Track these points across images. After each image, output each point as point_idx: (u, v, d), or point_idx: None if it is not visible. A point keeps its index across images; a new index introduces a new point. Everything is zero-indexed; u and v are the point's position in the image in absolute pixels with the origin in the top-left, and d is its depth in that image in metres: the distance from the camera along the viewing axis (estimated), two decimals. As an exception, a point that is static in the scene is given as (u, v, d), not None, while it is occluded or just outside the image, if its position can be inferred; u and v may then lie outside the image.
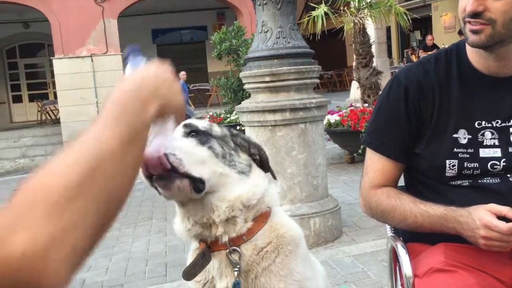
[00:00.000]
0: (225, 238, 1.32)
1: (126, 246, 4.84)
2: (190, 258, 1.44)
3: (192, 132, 1.31)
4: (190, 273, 1.37)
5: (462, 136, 1.54)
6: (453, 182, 1.56)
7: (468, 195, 1.49)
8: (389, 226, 1.87)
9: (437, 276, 1.43)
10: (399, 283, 1.82)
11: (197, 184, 1.25)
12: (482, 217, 1.35)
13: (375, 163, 1.68)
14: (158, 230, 5.26)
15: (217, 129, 1.39)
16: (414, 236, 1.66)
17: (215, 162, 1.30)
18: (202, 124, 1.36)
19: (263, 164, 1.43)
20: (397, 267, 1.80)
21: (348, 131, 6.75)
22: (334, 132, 7.06)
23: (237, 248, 1.34)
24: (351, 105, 7.68)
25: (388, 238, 1.73)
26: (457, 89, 1.56)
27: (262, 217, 1.38)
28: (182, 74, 13.69)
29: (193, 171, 1.22)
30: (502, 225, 1.33)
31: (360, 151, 6.56)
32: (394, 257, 1.77)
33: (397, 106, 1.59)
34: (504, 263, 1.47)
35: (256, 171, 1.41)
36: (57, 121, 15.23)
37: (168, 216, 5.73)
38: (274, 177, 1.46)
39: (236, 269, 1.32)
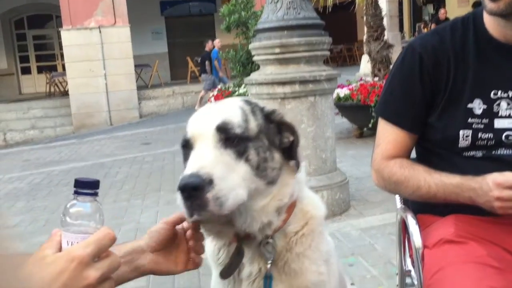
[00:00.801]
0: (260, 236, 1.23)
1: (134, 217, 4.89)
2: (210, 248, 1.35)
3: (228, 138, 1.14)
4: (228, 273, 1.28)
5: (477, 106, 1.50)
6: (466, 153, 1.53)
7: (481, 166, 1.47)
8: (398, 198, 1.85)
9: (447, 247, 1.42)
10: (407, 255, 1.82)
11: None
12: (495, 178, 1.34)
13: (388, 134, 1.66)
14: (166, 201, 5.29)
15: (253, 124, 1.18)
16: (424, 208, 1.64)
17: (250, 177, 1.14)
18: (237, 120, 1.15)
19: (292, 150, 1.26)
20: (406, 239, 1.80)
21: (357, 105, 6.69)
22: (343, 106, 7.00)
23: (270, 241, 1.25)
24: (361, 79, 7.58)
25: (398, 210, 1.72)
26: (473, 58, 1.52)
27: (292, 205, 1.28)
28: (217, 41, 13.45)
29: (231, 201, 1.09)
30: None
31: (370, 125, 6.52)
32: (403, 229, 1.76)
33: (411, 74, 1.56)
34: (515, 235, 1.46)
35: (284, 167, 1.25)
36: (65, 93, 15.25)
37: (176, 188, 5.76)
38: (298, 166, 1.27)
39: (269, 262, 1.25)
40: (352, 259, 3.21)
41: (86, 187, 0.90)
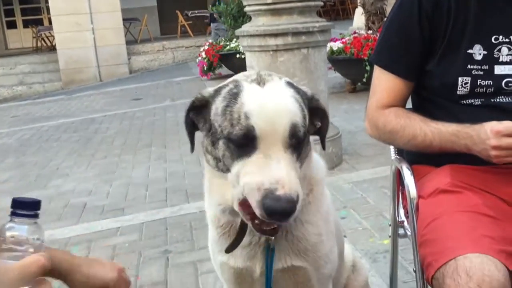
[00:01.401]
0: None
1: (126, 172, 4.86)
2: (211, 212, 1.33)
3: (295, 143, 1.08)
4: (232, 249, 1.27)
5: (477, 51, 1.45)
6: (464, 101, 1.49)
7: (480, 114, 1.43)
8: (393, 149, 1.82)
9: (442, 197, 1.40)
10: (401, 206, 1.80)
11: None
12: (493, 126, 1.30)
13: (383, 82, 1.61)
14: (157, 157, 5.26)
15: (307, 120, 1.13)
16: (419, 158, 1.61)
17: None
18: (301, 122, 1.08)
19: (321, 135, 1.26)
20: (400, 191, 1.78)
21: (351, 59, 6.58)
22: (337, 60, 6.89)
23: None
24: (355, 33, 7.44)
25: (393, 160, 1.69)
26: (475, 2, 1.45)
27: None
28: None
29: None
30: None
31: (364, 79, 6.44)
32: (398, 180, 1.74)
33: (409, 19, 1.49)
34: (510, 184, 1.43)
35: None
36: (53, 48, 14.91)
37: (167, 144, 5.72)
38: (324, 147, 1.29)
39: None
40: (344, 212, 3.22)
41: (25, 207, 0.79)
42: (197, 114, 1.19)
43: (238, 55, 9.36)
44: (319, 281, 1.38)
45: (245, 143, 1.05)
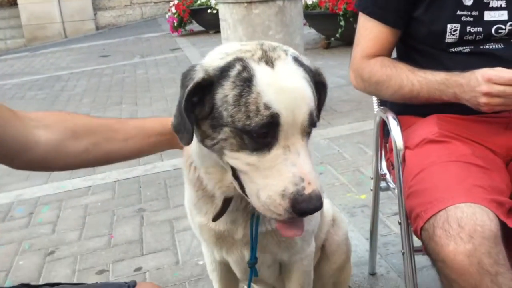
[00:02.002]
0: None
1: (96, 130, 4.70)
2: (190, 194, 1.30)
3: (312, 127, 1.02)
4: (218, 218, 1.22)
5: None
6: (453, 49, 1.43)
7: (469, 62, 1.37)
8: (376, 100, 1.77)
9: (430, 147, 1.35)
10: (383, 159, 1.77)
11: None
12: (485, 72, 1.25)
13: (369, 31, 1.53)
14: (128, 114, 5.10)
15: (316, 100, 1.05)
16: (404, 109, 1.56)
17: None
18: (314, 107, 1.02)
19: (319, 108, 1.15)
20: (383, 143, 1.74)
21: (325, 13, 6.45)
22: (311, 15, 6.75)
23: None
24: (329, -13, 7.27)
25: (377, 111, 1.63)
26: None
27: None
28: None
29: None
30: (506, 73, 1.22)
31: (338, 35, 6.34)
32: (382, 132, 1.69)
33: None
34: (498, 133, 1.40)
35: None
36: (14, 3, 14.16)
37: (138, 101, 5.56)
38: (318, 118, 1.22)
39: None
40: (321, 167, 3.20)
41: None
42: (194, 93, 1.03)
43: (209, 10, 9.08)
44: (302, 238, 1.34)
45: (263, 135, 0.96)
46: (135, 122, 1.27)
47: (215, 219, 1.22)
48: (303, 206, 0.94)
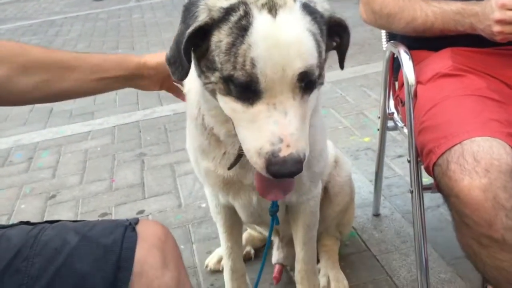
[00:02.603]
0: None
1: (93, 75, 4.61)
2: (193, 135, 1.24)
3: (308, 82, 0.92)
4: (234, 165, 1.17)
5: None
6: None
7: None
8: (384, 34, 1.69)
9: (444, 81, 1.29)
10: (391, 98, 1.71)
11: None
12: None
13: None
14: (125, 59, 4.99)
15: (323, 53, 0.97)
16: (415, 43, 1.49)
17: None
18: (315, 62, 0.92)
19: (340, 51, 1.11)
20: (392, 80, 1.68)
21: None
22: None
23: None
24: None
25: (387, 46, 1.56)
26: None
27: None
28: None
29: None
30: None
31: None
32: (391, 68, 1.63)
33: None
34: (513, 67, 1.34)
35: None
36: None
37: (135, 46, 5.43)
38: (342, 66, 1.17)
39: None
40: (324, 111, 3.14)
41: None
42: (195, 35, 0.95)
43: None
44: (311, 179, 1.32)
45: (247, 89, 0.90)
46: (95, 60, 1.21)
47: (231, 166, 1.17)
48: (275, 168, 0.88)
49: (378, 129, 1.80)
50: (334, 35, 1.04)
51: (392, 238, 1.95)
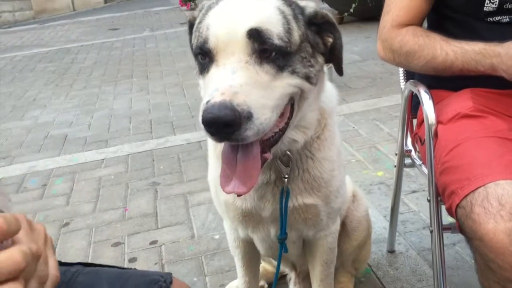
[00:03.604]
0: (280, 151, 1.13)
1: (107, 103, 4.67)
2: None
3: (265, 50, 0.93)
4: None
5: None
6: (491, 18, 1.36)
7: (508, 32, 1.31)
8: (402, 73, 1.71)
9: (465, 122, 1.30)
10: (408, 135, 1.72)
11: None
12: None
13: None
14: (139, 88, 5.05)
15: (296, 35, 0.98)
16: (434, 83, 1.50)
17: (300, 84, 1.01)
18: (278, 31, 0.94)
19: (335, 52, 1.11)
20: (410, 118, 1.68)
21: (339, -12, 6.30)
22: (324, -10, 6.60)
23: (289, 153, 1.14)
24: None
25: (406, 84, 1.57)
26: None
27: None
28: None
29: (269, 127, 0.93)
30: None
31: (351, 10, 6.21)
32: (409, 106, 1.64)
33: None
34: (535, 109, 1.35)
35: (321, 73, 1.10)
36: (21, -26, 14.01)
37: (149, 75, 5.50)
38: (341, 72, 1.18)
39: (286, 176, 1.16)
40: (336, 144, 3.15)
41: None
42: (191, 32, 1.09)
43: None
44: (328, 215, 1.32)
45: (204, 56, 0.97)
46: None
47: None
48: (203, 115, 0.85)
49: (395, 166, 1.80)
50: (326, 32, 1.08)
51: (408, 276, 1.92)
